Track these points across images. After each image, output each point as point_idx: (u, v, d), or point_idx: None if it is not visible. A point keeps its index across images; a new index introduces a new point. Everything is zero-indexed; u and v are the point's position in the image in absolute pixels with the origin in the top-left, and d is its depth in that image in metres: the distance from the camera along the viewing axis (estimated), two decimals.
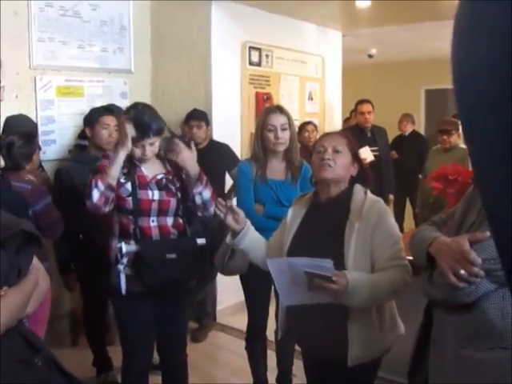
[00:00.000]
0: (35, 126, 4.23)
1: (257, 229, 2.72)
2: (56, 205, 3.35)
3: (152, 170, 3.01)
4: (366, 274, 2.29)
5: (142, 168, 2.98)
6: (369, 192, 2.46)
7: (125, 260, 2.91)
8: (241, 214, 2.59)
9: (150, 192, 2.95)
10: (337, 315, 2.29)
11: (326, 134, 2.65)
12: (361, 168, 2.51)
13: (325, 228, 2.43)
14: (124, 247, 2.88)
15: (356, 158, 2.49)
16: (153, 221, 2.97)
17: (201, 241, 3.04)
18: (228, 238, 2.64)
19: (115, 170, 2.83)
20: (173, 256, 2.94)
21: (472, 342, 1.79)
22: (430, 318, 2.02)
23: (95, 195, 2.78)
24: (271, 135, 3.28)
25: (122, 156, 2.84)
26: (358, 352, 2.30)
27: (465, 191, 2.20)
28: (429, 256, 1.87)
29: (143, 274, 2.89)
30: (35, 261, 1.86)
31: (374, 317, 2.35)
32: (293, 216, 2.59)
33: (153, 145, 2.91)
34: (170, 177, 3.03)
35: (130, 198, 2.92)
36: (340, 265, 2.27)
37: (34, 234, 1.77)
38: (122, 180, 2.94)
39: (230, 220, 2.57)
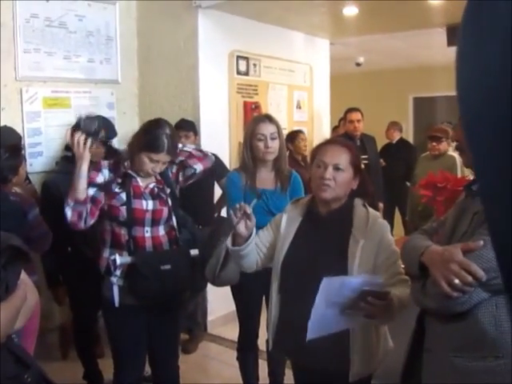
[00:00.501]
0: (20, 137, 4.19)
1: None
2: (43, 217, 3.31)
3: (145, 179, 3.00)
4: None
5: (138, 178, 2.98)
6: (367, 205, 2.43)
7: (118, 272, 2.89)
8: (253, 221, 2.46)
9: (144, 202, 2.95)
10: (339, 333, 2.23)
11: (327, 145, 2.48)
12: (362, 181, 2.45)
13: (326, 242, 2.38)
14: (118, 259, 2.86)
15: (358, 171, 2.42)
16: (147, 231, 2.96)
17: (194, 252, 3.04)
18: (229, 242, 2.52)
19: (81, 184, 2.85)
20: (167, 267, 2.92)
21: (465, 351, 1.79)
22: (423, 327, 2.01)
23: (68, 213, 2.84)
24: (261, 144, 3.26)
25: (84, 168, 2.86)
26: (359, 368, 2.30)
27: (454, 199, 2.19)
28: (421, 265, 1.86)
29: (137, 286, 2.87)
30: (23, 275, 1.83)
31: (373, 333, 2.34)
32: (288, 223, 2.51)
33: (165, 164, 2.94)
34: (161, 185, 3.03)
35: (123, 208, 2.91)
36: None
37: (23, 250, 1.75)
38: (117, 190, 2.94)
39: (241, 226, 2.43)
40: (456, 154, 6.11)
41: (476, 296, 1.70)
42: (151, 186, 2.99)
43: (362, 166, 5.59)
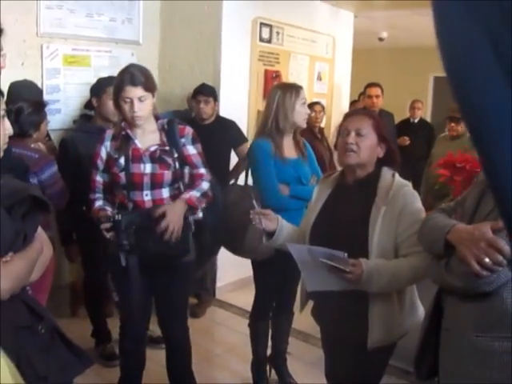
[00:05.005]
0: (41, 92, 4.18)
1: (282, 210, 2.82)
2: (60, 175, 3.32)
3: (147, 141, 2.94)
4: (386, 261, 2.27)
5: (137, 141, 2.92)
6: (397, 175, 2.41)
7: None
8: (271, 213, 2.62)
9: (142, 165, 2.90)
10: (358, 298, 2.29)
11: (350, 115, 2.56)
12: (388, 149, 2.44)
13: (350, 210, 2.40)
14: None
15: (382, 138, 2.41)
16: (146, 195, 2.91)
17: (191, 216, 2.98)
18: (264, 240, 2.65)
19: None
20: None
21: (488, 331, 1.77)
22: (439, 306, 1.99)
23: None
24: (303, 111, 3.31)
25: None
26: (379, 336, 2.31)
27: (472, 179, 2.16)
28: (446, 243, 1.84)
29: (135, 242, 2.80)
30: (39, 229, 1.84)
31: (394, 300, 2.34)
32: (317, 196, 2.59)
33: (142, 101, 2.83)
34: (167, 147, 2.94)
35: (122, 174, 2.89)
36: (363, 248, 2.27)
37: (42, 200, 1.75)
38: (116, 155, 2.91)
39: (266, 224, 2.59)
40: None
41: (503, 275, 1.69)
42: (152, 148, 2.92)
43: None
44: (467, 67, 0.49)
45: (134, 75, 2.81)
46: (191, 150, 3.01)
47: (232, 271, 5.06)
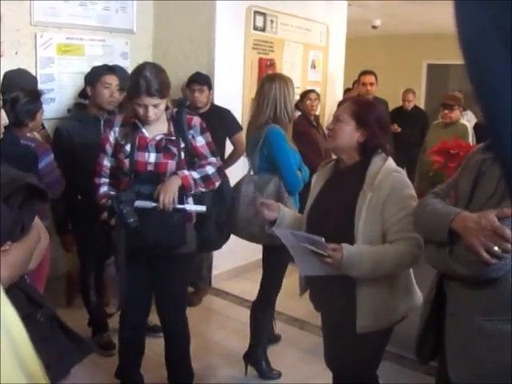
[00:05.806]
0: (36, 81, 4.17)
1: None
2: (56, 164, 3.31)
3: (153, 130, 2.93)
4: (370, 246, 2.27)
5: (144, 129, 2.92)
6: (389, 161, 2.39)
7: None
8: (272, 202, 2.68)
9: (146, 154, 2.90)
10: (346, 282, 2.30)
11: (340, 104, 2.65)
12: (372, 135, 2.40)
13: (339, 197, 2.42)
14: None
15: (362, 124, 2.39)
16: None
17: (191, 207, 2.95)
18: (266, 228, 2.68)
19: None
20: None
21: (495, 314, 1.79)
22: (441, 293, 2.00)
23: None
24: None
25: None
26: (367, 321, 2.31)
27: None
28: (450, 231, 1.84)
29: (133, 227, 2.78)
30: (36, 218, 1.84)
31: (384, 285, 2.34)
32: (314, 183, 2.63)
33: (157, 107, 2.83)
34: (173, 137, 2.94)
35: (127, 160, 2.89)
36: (350, 235, 2.27)
37: (40, 188, 1.75)
38: (122, 142, 2.92)
39: (268, 213, 2.62)
40: (468, 123, 6.09)
41: (509, 261, 1.70)
42: (158, 137, 2.92)
43: None
44: (476, 47, 0.56)
45: (150, 84, 2.77)
46: (199, 141, 3.01)
47: (228, 259, 5.08)
